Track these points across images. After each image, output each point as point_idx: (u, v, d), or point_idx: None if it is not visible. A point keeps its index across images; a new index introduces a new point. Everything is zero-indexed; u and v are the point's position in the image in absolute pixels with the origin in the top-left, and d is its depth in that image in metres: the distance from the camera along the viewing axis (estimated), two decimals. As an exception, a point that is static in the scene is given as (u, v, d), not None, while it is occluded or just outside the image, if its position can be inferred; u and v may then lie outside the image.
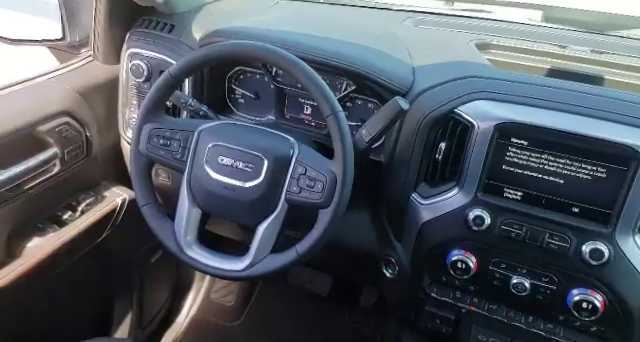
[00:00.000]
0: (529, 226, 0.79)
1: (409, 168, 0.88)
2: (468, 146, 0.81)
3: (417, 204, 0.88)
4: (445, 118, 0.83)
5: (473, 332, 0.90)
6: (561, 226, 0.77)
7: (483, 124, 0.79)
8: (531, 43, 1.03)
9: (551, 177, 0.77)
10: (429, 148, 0.86)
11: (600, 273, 0.75)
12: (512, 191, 0.80)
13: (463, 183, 0.83)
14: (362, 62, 0.90)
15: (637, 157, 0.71)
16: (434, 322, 0.92)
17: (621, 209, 0.73)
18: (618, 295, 0.75)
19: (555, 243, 0.77)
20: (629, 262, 0.74)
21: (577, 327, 0.81)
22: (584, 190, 0.75)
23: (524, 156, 0.78)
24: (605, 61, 0.95)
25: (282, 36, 0.95)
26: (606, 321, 0.77)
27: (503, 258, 0.83)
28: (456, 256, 0.84)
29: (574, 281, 0.78)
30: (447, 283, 0.90)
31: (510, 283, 0.82)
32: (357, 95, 0.96)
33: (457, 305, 0.90)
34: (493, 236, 0.81)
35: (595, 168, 0.74)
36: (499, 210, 0.81)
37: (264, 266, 0.80)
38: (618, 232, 0.73)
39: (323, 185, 0.76)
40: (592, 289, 0.77)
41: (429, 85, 0.87)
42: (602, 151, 0.73)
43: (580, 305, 0.77)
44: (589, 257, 0.75)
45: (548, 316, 0.84)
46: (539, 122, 0.76)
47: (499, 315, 0.87)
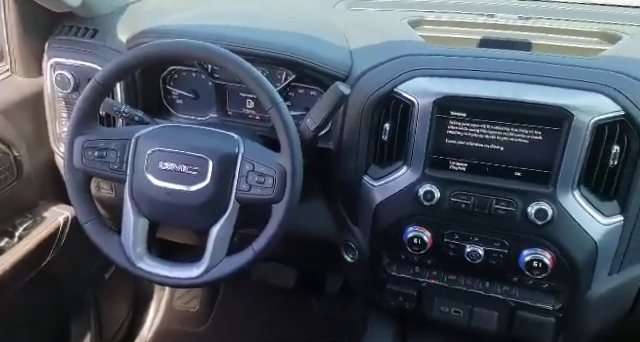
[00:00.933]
0: (476, 195, 0.81)
1: (358, 152, 0.89)
2: (411, 124, 0.82)
3: (369, 186, 0.89)
4: (386, 98, 0.84)
5: (435, 304, 0.92)
6: (506, 191, 0.80)
7: (422, 101, 0.81)
8: (461, 15, 1.05)
9: (492, 145, 0.80)
10: (375, 130, 0.86)
11: (547, 232, 0.79)
12: (457, 163, 0.82)
13: (410, 161, 0.84)
14: (298, 50, 0.89)
15: (569, 117, 0.74)
16: (397, 299, 0.94)
17: (559, 168, 0.76)
18: (564, 251, 0.79)
19: (502, 208, 0.80)
20: (571, 218, 0.77)
21: (530, 285, 0.85)
22: (524, 154, 0.78)
23: (464, 128, 0.80)
24: (532, 26, 0.99)
25: (213, 31, 0.92)
26: (556, 277, 0.82)
27: (456, 229, 0.85)
28: (411, 233, 0.86)
29: (524, 242, 0.81)
30: (406, 260, 0.92)
31: (465, 252, 0.85)
32: (298, 84, 0.95)
33: (417, 280, 0.93)
34: (444, 209, 0.83)
35: (531, 132, 0.77)
36: (447, 183, 0.83)
37: (221, 270, 0.78)
38: (558, 191, 0.77)
39: (273, 180, 0.75)
40: (541, 248, 0.80)
41: (367, 67, 0.87)
42: (536, 114, 0.76)
43: (531, 264, 0.80)
44: (535, 218, 0.78)
45: (503, 279, 0.87)
46: (474, 93, 0.78)
47: (458, 285, 0.90)
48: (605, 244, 0.78)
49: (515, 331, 0.89)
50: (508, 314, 0.88)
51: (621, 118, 0.73)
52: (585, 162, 0.76)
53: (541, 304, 0.86)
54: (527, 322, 0.87)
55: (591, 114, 0.73)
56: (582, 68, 0.78)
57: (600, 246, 0.78)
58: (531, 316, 0.87)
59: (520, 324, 0.88)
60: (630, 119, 0.73)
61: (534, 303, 0.86)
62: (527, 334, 0.89)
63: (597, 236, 0.78)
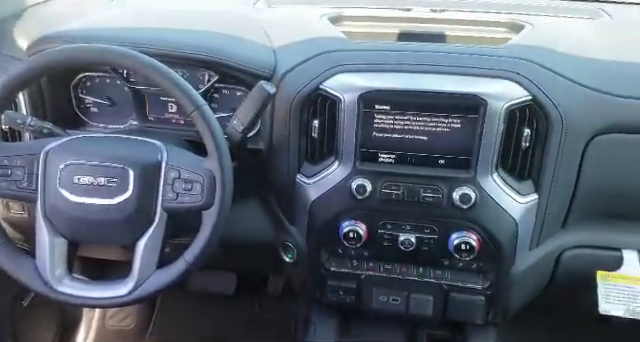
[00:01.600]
0: (405, 185, 0.84)
1: (289, 151, 0.88)
2: (339, 120, 0.83)
3: (303, 185, 0.89)
4: (313, 96, 0.84)
5: (374, 295, 0.95)
6: (432, 179, 0.83)
7: (348, 96, 0.82)
8: (379, 10, 1.08)
9: (416, 136, 0.82)
10: (304, 128, 0.86)
11: (471, 215, 0.83)
12: (385, 155, 0.84)
13: (341, 156, 0.85)
14: (219, 50, 0.87)
15: (483, 104, 0.78)
16: (338, 294, 0.95)
17: (478, 153, 0.80)
18: (488, 231, 0.84)
19: (430, 196, 0.83)
20: (492, 199, 0.82)
21: (460, 268, 0.90)
22: (446, 142, 0.81)
23: (390, 120, 0.82)
24: (445, 19, 1.04)
25: (125, 34, 0.88)
26: (482, 257, 0.86)
27: (388, 220, 0.87)
28: (347, 227, 0.87)
29: (451, 227, 0.85)
30: (343, 254, 0.93)
31: (398, 241, 0.87)
32: (222, 85, 0.93)
33: (356, 273, 0.94)
34: (376, 201, 0.85)
35: (451, 120, 0.80)
36: (377, 175, 0.84)
37: (152, 284, 0.75)
38: (479, 175, 0.81)
39: (202, 186, 0.73)
40: (467, 231, 0.84)
41: (291, 65, 0.87)
42: (453, 103, 0.79)
43: (460, 247, 0.84)
44: (460, 202, 0.82)
45: (435, 263, 0.91)
46: (395, 86, 0.81)
47: (394, 273, 0.93)
48: (524, 221, 0.84)
49: (449, 313, 0.93)
50: (442, 297, 0.92)
51: (530, 102, 0.78)
52: (501, 146, 0.80)
53: (471, 284, 0.91)
54: (460, 303, 0.92)
55: (503, 100, 0.78)
56: (492, 57, 0.82)
57: (520, 224, 0.83)
58: (463, 297, 0.91)
59: (454, 306, 0.92)
60: (537, 103, 0.78)
61: (465, 284, 0.91)
62: (460, 314, 0.93)
63: (516, 215, 0.83)
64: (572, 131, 0.78)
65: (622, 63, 0.84)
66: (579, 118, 0.78)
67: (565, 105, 0.77)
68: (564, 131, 0.78)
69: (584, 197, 0.83)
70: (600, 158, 0.80)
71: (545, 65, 0.80)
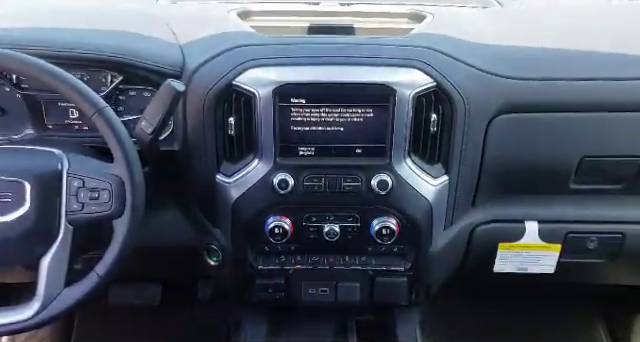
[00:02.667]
0: (326, 176, 0.85)
1: (206, 150, 0.85)
2: (255, 115, 0.82)
3: (224, 184, 0.87)
4: (226, 92, 0.82)
5: (304, 288, 0.95)
6: (351, 168, 0.85)
7: (262, 91, 0.81)
8: (288, 4, 1.08)
9: (333, 127, 0.83)
10: (220, 125, 0.84)
11: (389, 200, 0.86)
12: (305, 148, 0.84)
13: (261, 152, 0.84)
14: (121, 49, 0.82)
15: (392, 92, 0.81)
16: (267, 292, 0.95)
17: (391, 140, 0.83)
18: (406, 214, 0.87)
19: (350, 185, 0.85)
20: (407, 184, 0.85)
21: (383, 252, 0.93)
22: (361, 132, 0.83)
23: (306, 113, 0.83)
24: (352, 11, 1.06)
25: (15, 35, 0.80)
26: (402, 239, 0.90)
27: (313, 212, 0.88)
28: (272, 223, 0.87)
29: (372, 213, 0.88)
30: (270, 252, 0.93)
31: (323, 232, 0.88)
32: (128, 86, 0.88)
33: (284, 269, 0.94)
34: (299, 194, 0.85)
35: (364, 110, 0.82)
36: (299, 169, 0.85)
37: (60, 303, 0.69)
38: (394, 161, 0.84)
39: (109, 193, 0.69)
40: (387, 216, 0.87)
41: (201, 62, 0.84)
42: (365, 93, 0.81)
43: (381, 232, 0.87)
44: (378, 189, 0.84)
45: (360, 250, 0.93)
46: (308, 79, 0.81)
47: (321, 265, 0.94)
48: (437, 202, 0.88)
49: (376, 297, 0.96)
50: (368, 282, 0.95)
51: (434, 89, 0.82)
52: (411, 132, 0.83)
53: (394, 267, 0.94)
54: (385, 286, 0.95)
55: (410, 88, 0.81)
56: (397, 47, 0.85)
57: (434, 205, 0.88)
58: (388, 280, 0.95)
59: (379, 289, 0.95)
60: (441, 89, 0.82)
61: (388, 267, 0.94)
62: (386, 297, 0.97)
63: (430, 196, 0.87)
64: (474, 114, 0.83)
65: (513, 48, 0.90)
66: (479, 101, 0.83)
67: (466, 89, 0.82)
68: (467, 114, 0.83)
69: (489, 175, 0.90)
70: (500, 137, 0.86)
71: (446, 52, 0.85)
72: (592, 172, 0.88)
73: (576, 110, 0.84)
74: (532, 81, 0.84)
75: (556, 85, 0.84)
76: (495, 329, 1.40)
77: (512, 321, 1.42)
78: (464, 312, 1.44)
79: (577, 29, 0.97)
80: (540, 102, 0.84)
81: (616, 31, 0.96)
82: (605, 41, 0.91)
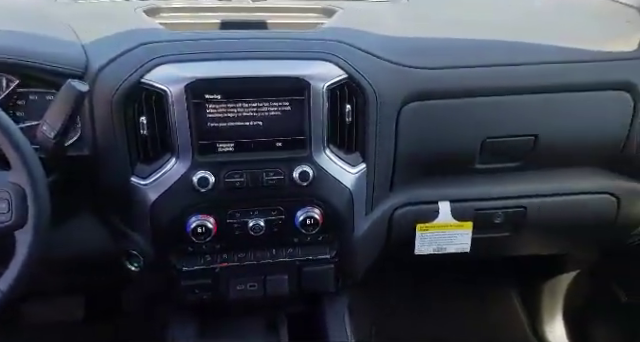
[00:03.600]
0: (248, 171, 0.85)
1: (118, 153, 0.82)
2: (169, 114, 0.80)
3: (140, 187, 0.84)
4: (136, 91, 0.79)
5: (231, 285, 0.94)
6: (273, 162, 0.85)
7: (174, 88, 0.79)
8: (198, 1, 1.06)
9: (252, 121, 0.83)
10: (132, 126, 0.81)
11: (312, 190, 0.88)
12: (224, 144, 0.84)
13: (177, 151, 0.82)
14: (14, 50, 0.77)
15: (307, 85, 0.82)
16: (194, 294, 0.93)
17: (310, 132, 0.85)
18: (328, 203, 0.90)
19: (272, 178, 0.85)
20: (328, 173, 0.88)
21: (309, 242, 0.94)
22: (280, 125, 0.84)
23: (223, 109, 0.82)
24: (265, 7, 1.06)
25: None
26: (327, 228, 0.92)
27: (236, 208, 0.88)
28: (194, 223, 0.85)
29: (296, 205, 0.89)
30: (194, 252, 0.91)
31: (248, 228, 0.88)
32: (27, 90, 0.82)
33: (210, 268, 0.93)
34: (221, 191, 0.85)
35: (281, 104, 0.83)
36: (218, 166, 0.84)
37: None
38: (314, 152, 0.86)
39: (8, 202, 0.64)
40: (311, 206, 0.89)
41: (106, 61, 0.80)
42: (280, 87, 0.82)
43: (305, 223, 0.88)
44: (300, 180, 0.86)
45: (286, 243, 0.94)
46: (221, 74, 0.80)
47: (249, 260, 0.94)
48: (357, 190, 0.91)
49: (304, 286, 0.98)
50: (296, 273, 0.96)
51: (346, 81, 0.84)
52: (328, 123, 0.86)
53: (320, 256, 0.96)
54: (312, 275, 0.97)
55: (323, 80, 0.83)
56: (310, 41, 0.87)
57: (354, 192, 0.91)
58: (315, 269, 0.96)
59: (307, 279, 0.97)
60: (353, 81, 0.85)
61: (315, 256, 0.96)
62: (314, 286, 0.99)
63: (350, 185, 0.90)
64: (385, 103, 0.87)
65: (419, 39, 0.95)
66: (388, 91, 0.87)
67: (376, 81, 0.86)
68: (378, 104, 0.87)
69: (404, 161, 0.94)
70: (410, 125, 0.91)
71: (356, 45, 0.87)
72: (494, 152, 0.95)
73: (477, 95, 0.91)
74: (436, 70, 0.89)
75: (458, 72, 0.90)
76: (420, 308, 1.48)
77: (435, 299, 1.51)
78: (390, 294, 1.51)
79: (477, 21, 1.04)
80: (444, 89, 0.90)
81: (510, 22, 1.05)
82: (501, 31, 0.98)
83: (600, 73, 0.90)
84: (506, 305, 1.51)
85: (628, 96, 0.91)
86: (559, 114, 0.92)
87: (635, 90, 0.90)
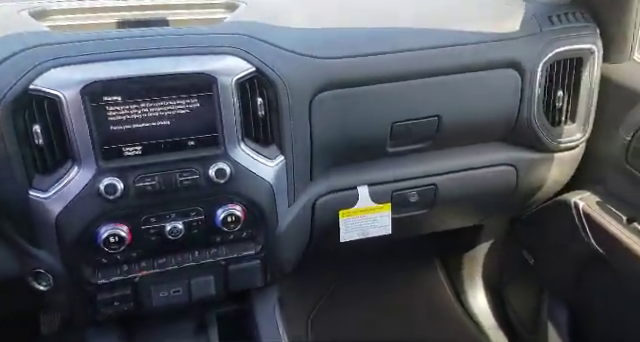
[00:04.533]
0: (160, 174, 0.82)
1: (11, 166, 0.75)
2: (65, 120, 0.75)
3: (40, 200, 0.78)
4: (24, 98, 0.73)
5: (154, 293, 0.91)
6: (186, 162, 0.83)
7: (68, 93, 0.74)
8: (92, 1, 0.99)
9: (159, 122, 0.80)
10: (24, 136, 0.75)
11: (230, 187, 0.86)
12: (131, 148, 0.80)
13: (79, 159, 0.77)
14: None
15: (214, 80, 0.80)
16: (113, 307, 0.89)
17: (222, 128, 0.83)
18: (249, 199, 0.89)
19: (187, 178, 0.83)
20: (246, 169, 0.87)
21: (232, 240, 0.93)
22: (190, 124, 0.82)
23: (125, 111, 0.78)
24: (164, 4, 1.02)
25: None
26: (249, 224, 0.91)
27: (150, 213, 0.84)
28: (105, 233, 0.81)
29: (215, 203, 0.87)
30: (109, 263, 0.86)
31: (166, 232, 0.85)
32: None
33: (128, 278, 0.89)
34: (132, 197, 0.81)
35: (188, 101, 0.81)
36: (127, 171, 0.80)
37: None
38: (228, 148, 0.84)
39: None
40: (231, 203, 0.88)
41: None
42: (185, 84, 0.80)
43: (227, 221, 0.87)
44: (217, 178, 0.84)
45: (209, 243, 0.92)
46: (118, 74, 0.76)
47: (170, 265, 0.91)
48: (278, 182, 0.91)
49: (231, 285, 0.96)
50: (222, 273, 0.95)
51: (255, 74, 0.84)
52: (241, 117, 0.84)
53: (246, 252, 0.95)
54: (239, 273, 0.96)
55: (230, 75, 0.81)
56: (213, 35, 0.85)
57: (275, 185, 0.91)
58: (241, 266, 0.95)
59: (234, 277, 0.95)
60: (262, 74, 0.84)
61: (240, 254, 0.95)
62: (241, 283, 0.97)
63: (270, 178, 0.90)
64: (296, 95, 0.88)
65: (324, 30, 0.97)
66: (298, 82, 0.88)
67: (284, 72, 0.86)
68: (289, 96, 0.87)
69: (321, 150, 0.95)
70: (323, 114, 0.92)
71: (262, 38, 0.87)
72: (403, 135, 0.99)
73: (383, 81, 0.94)
74: (342, 59, 0.91)
75: (364, 60, 0.92)
76: (351, 292, 1.53)
77: (365, 282, 1.56)
78: (321, 283, 1.54)
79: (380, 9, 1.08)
80: (352, 78, 0.92)
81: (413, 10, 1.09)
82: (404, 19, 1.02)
83: (488, 53, 0.97)
84: (431, 278, 1.60)
85: (515, 73, 0.99)
86: (457, 95, 0.98)
87: (520, 67, 0.98)
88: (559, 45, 0.99)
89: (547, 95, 1.02)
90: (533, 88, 1.00)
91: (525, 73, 0.99)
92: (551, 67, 1.00)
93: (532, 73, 0.99)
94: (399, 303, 1.51)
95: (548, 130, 1.04)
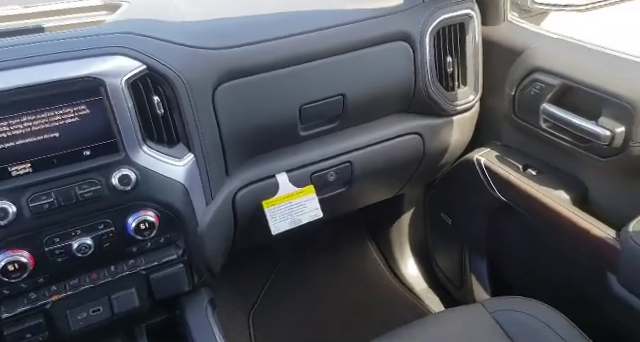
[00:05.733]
0: (56, 190, 0.76)
1: None
2: None
3: None
4: None
5: (71, 317, 0.85)
6: (84, 173, 0.77)
7: None
8: None
9: (46, 135, 0.74)
10: None
11: (139, 193, 0.82)
12: (19, 167, 0.73)
13: None
14: None
15: (102, 83, 0.75)
16: (25, 340, 0.81)
17: (120, 133, 0.78)
18: (162, 203, 0.85)
19: (88, 190, 0.77)
20: (153, 172, 0.82)
21: (151, 247, 0.88)
22: (82, 132, 0.76)
23: (5, 127, 0.71)
24: (39, 12, 0.94)
25: None
26: (167, 228, 0.87)
27: (53, 233, 0.78)
28: (2, 262, 0.73)
29: (125, 212, 0.82)
30: (13, 293, 0.79)
31: (73, 250, 0.79)
32: None
33: (38, 306, 0.82)
34: (28, 219, 0.74)
35: (76, 108, 0.75)
36: (17, 191, 0.73)
37: None
38: (130, 153, 0.80)
39: None
40: (142, 210, 0.83)
41: None
42: (71, 90, 0.74)
43: (140, 228, 0.82)
44: (122, 186, 0.79)
45: (124, 254, 0.87)
46: None
47: (85, 285, 0.85)
48: (191, 182, 0.88)
49: (157, 294, 0.92)
50: (144, 283, 0.90)
51: (146, 72, 0.80)
52: (138, 119, 0.80)
53: (167, 258, 0.91)
54: (163, 280, 0.91)
55: (119, 75, 0.77)
56: (94, 37, 0.79)
57: (188, 185, 0.87)
58: (164, 273, 0.91)
59: (158, 285, 0.91)
60: (154, 71, 0.80)
61: (160, 260, 0.90)
62: (168, 290, 0.93)
63: (181, 178, 0.86)
64: (195, 89, 0.85)
65: (214, 21, 0.94)
66: (195, 75, 0.85)
67: (179, 67, 0.83)
68: (188, 91, 0.84)
69: (232, 143, 0.93)
70: (228, 106, 0.90)
71: (148, 34, 0.83)
72: (312, 117, 1.00)
73: (282, 66, 0.94)
74: (237, 48, 0.90)
75: (260, 47, 0.91)
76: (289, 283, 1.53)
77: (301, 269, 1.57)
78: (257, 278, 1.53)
79: None
80: (250, 66, 0.91)
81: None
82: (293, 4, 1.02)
83: (378, 28, 1.00)
84: (364, 255, 1.64)
85: (406, 45, 1.03)
86: (356, 72, 1.00)
87: (410, 38, 1.03)
88: (441, 13, 1.04)
89: (438, 62, 1.07)
90: (424, 57, 1.05)
91: (415, 43, 1.03)
92: (437, 35, 1.05)
93: (421, 43, 1.03)
94: (336, 285, 1.54)
95: (444, 95, 1.10)
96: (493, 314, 0.91)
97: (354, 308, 1.46)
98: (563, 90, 0.98)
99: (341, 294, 1.51)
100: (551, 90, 0.98)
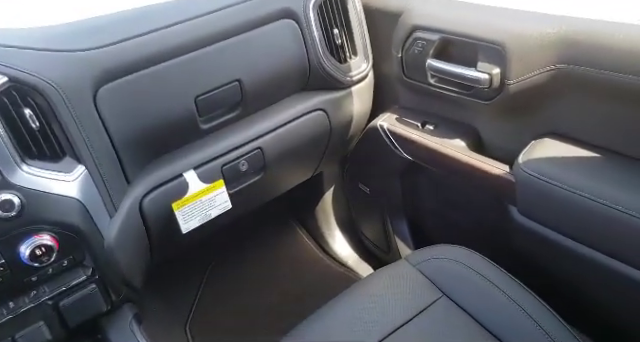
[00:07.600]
0: None
1: None
2: None
3: None
4: None
5: None
6: None
7: None
8: None
9: None
10: None
11: (28, 217, 0.74)
12: None
13: None
14: None
15: None
16: None
17: None
18: (57, 223, 0.77)
19: None
20: (40, 192, 0.75)
21: (54, 273, 0.81)
22: None
23: None
24: None
25: None
26: (69, 249, 0.80)
27: None
28: None
29: (14, 241, 0.74)
30: None
31: None
32: None
33: None
34: None
35: None
36: None
37: None
38: (7, 174, 0.72)
39: None
40: (35, 235, 0.75)
41: None
42: None
43: (36, 255, 0.75)
44: (5, 212, 0.71)
45: (24, 287, 0.79)
46: None
47: None
48: (87, 196, 0.81)
49: (71, 321, 0.85)
50: (54, 313, 0.83)
51: (10, 84, 0.72)
52: (10, 136, 0.72)
53: (75, 281, 0.84)
54: (75, 305, 0.85)
55: None
56: None
57: (84, 200, 0.80)
58: (74, 298, 0.84)
59: (71, 312, 0.84)
60: (19, 82, 0.73)
61: (68, 285, 0.83)
62: (83, 315, 0.87)
63: (74, 194, 0.79)
64: (71, 95, 0.78)
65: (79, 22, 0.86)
66: (68, 81, 0.77)
67: (47, 74, 0.75)
68: (64, 98, 0.77)
69: (126, 148, 0.87)
70: (114, 109, 0.84)
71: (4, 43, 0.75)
72: (211, 108, 0.96)
73: (165, 59, 0.88)
74: (112, 46, 0.83)
75: (136, 42, 0.85)
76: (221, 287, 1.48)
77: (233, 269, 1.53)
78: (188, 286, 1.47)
79: None
80: (130, 62, 0.84)
81: None
82: None
83: (260, 8, 0.98)
84: (293, 239, 1.64)
85: (292, 22, 1.02)
86: (247, 55, 0.97)
87: (295, 15, 1.02)
88: (318, -15, 1.04)
89: (326, 36, 1.08)
90: (312, 32, 1.04)
91: (300, 19, 1.02)
92: (320, 9, 1.05)
93: (306, 18, 1.03)
94: (271, 276, 1.52)
95: (338, 68, 1.11)
96: (417, 266, 0.95)
97: (293, 294, 1.45)
98: (443, 44, 1.02)
99: (277, 283, 1.49)
100: (432, 46, 1.03)
